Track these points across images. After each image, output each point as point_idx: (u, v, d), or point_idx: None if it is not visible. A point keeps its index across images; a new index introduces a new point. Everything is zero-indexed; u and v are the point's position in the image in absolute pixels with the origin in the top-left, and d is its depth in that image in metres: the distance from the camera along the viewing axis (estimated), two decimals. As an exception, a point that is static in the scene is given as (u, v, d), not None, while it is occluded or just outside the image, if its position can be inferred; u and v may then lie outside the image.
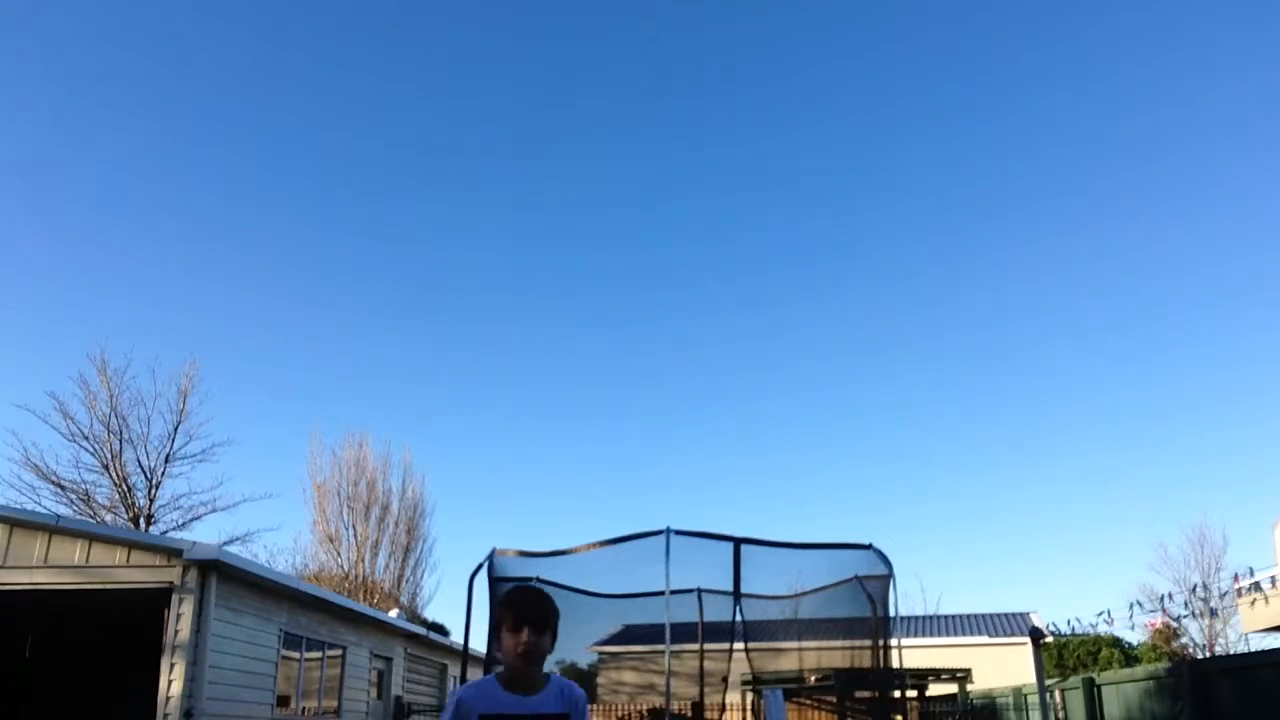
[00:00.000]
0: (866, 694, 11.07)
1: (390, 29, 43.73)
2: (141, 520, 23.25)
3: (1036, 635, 13.71)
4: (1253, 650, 24.51)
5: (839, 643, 11.26)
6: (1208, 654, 29.83)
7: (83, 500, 22.99)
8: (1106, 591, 65.20)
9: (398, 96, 45.42)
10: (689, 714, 11.98)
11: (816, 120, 47.35)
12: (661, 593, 9.35)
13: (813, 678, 11.51)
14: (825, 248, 50.74)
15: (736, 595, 10.72)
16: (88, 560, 11.72)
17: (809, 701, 12.84)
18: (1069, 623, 30.22)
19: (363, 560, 31.17)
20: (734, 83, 46.82)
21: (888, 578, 10.59)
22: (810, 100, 47.36)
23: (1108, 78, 43.60)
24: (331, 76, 43.53)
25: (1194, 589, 31.55)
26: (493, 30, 44.50)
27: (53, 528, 12.01)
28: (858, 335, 50.71)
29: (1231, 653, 28.86)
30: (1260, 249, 44.84)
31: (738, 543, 10.15)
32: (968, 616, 32.34)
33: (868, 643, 10.40)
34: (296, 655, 14.43)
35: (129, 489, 23.63)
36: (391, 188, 47.50)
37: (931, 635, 30.11)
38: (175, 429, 24.12)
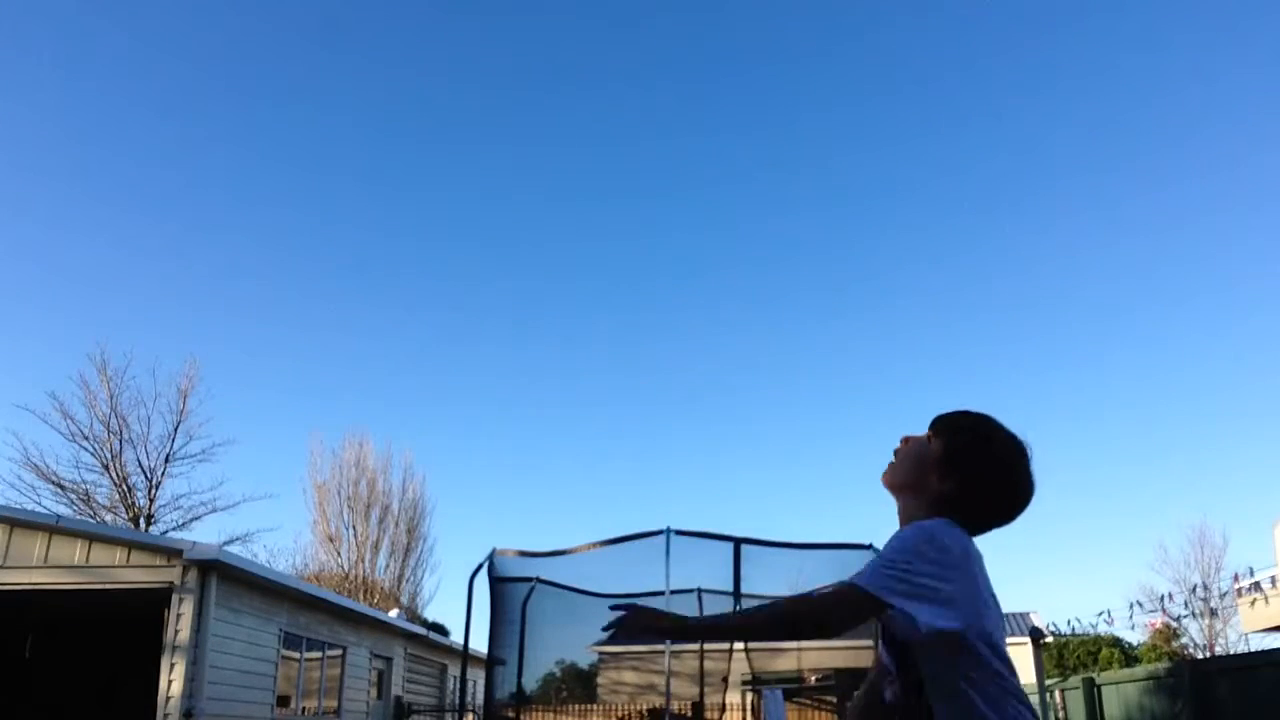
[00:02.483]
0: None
1: (389, 17, 43.74)
2: (141, 520, 23.26)
3: (1036, 635, 13.74)
4: (1253, 650, 24.53)
5: (839, 643, 11.27)
6: (1208, 654, 29.85)
7: (83, 500, 23.02)
8: (1106, 591, 65.35)
9: (400, 87, 45.42)
10: (689, 714, 11.98)
11: (815, 111, 47.36)
12: (661, 593, 9.36)
13: (813, 678, 11.54)
14: (826, 243, 50.72)
15: (736, 595, 10.72)
16: (88, 560, 11.72)
17: (809, 701, 12.85)
18: (1069, 623, 30.29)
19: (363, 560, 31.20)
20: (743, 69, 46.81)
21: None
22: (808, 92, 47.36)
23: (1108, 70, 43.63)
24: (334, 65, 43.53)
25: (1194, 589, 31.60)
26: (500, 19, 44.54)
27: (53, 528, 12.02)
28: (857, 331, 50.70)
29: (1231, 653, 28.87)
30: (1262, 246, 44.87)
31: (738, 543, 10.17)
32: (968, 616, 32.27)
33: (868, 643, 10.41)
34: (296, 655, 14.44)
35: (129, 489, 23.65)
36: (391, 182, 47.48)
37: (932, 635, 30.04)
38: (175, 429, 24.14)
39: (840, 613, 1.68)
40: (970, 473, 1.85)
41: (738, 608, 10.88)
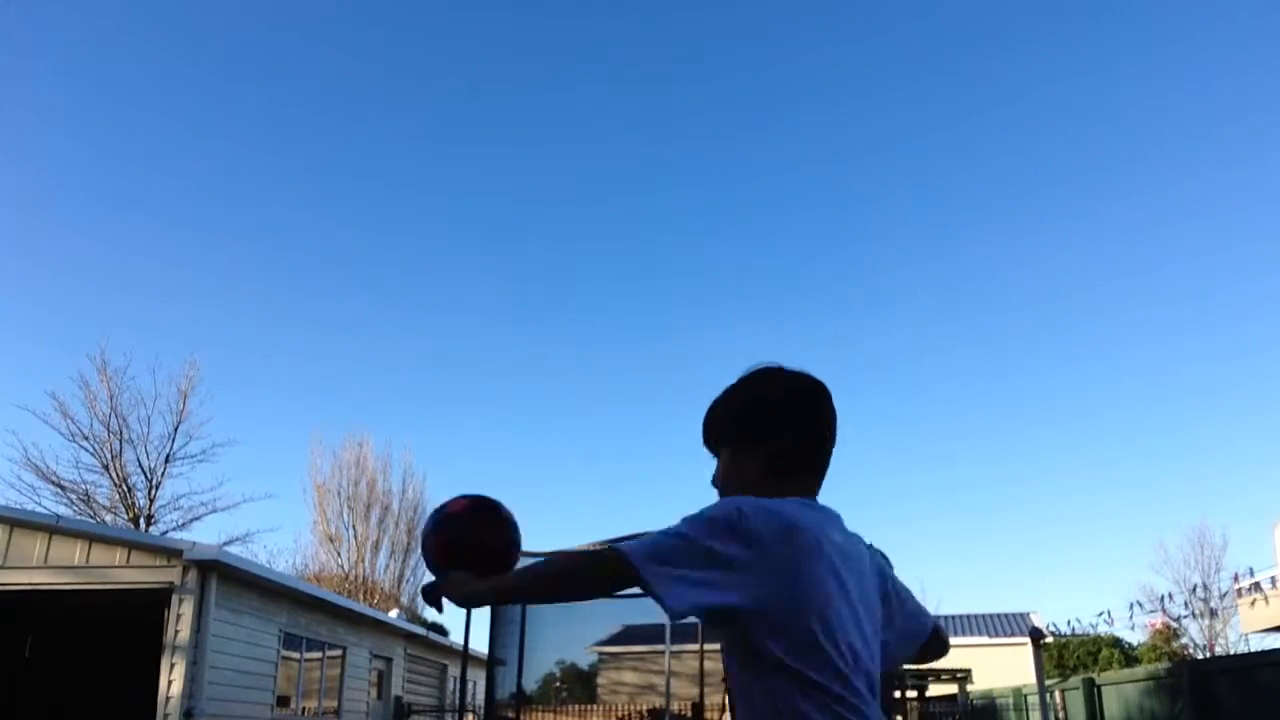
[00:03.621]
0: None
1: (389, 16, 43.74)
2: (141, 520, 23.26)
3: (1036, 635, 13.72)
4: (1252, 650, 24.55)
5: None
6: (1208, 654, 29.84)
7: (83, 500, 23.02)
8: (1106, 591, 65.19)
9: (400, 84, 45.42)
10: (689, 714, 11.98)
11: (814, 108, 47.36)
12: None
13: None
14: (822, 239, 50.71)
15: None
16: (88, 560, 11.73)
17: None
18: (1069, 623, 30.23)
19: (363, 560, 31.22)
20: (740, 67, 46.82)
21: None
22: (806, 87, 47.36)
23: (1107, 65, 43.62)
24: (336, 63, 43.53)
25: (1194, 589, 31.57)
26: (499, 17, 44.53)
27: (53, 528, 12.02)
28: (854, 329, 50.71)
29: (1231, 653, 28.88)
30: (1264, 245, 44.85)
31: (738, 543, 10.15)
32: (968, 616, 32.36)
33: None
34: (296, 655, 14.44)
35: (129, 489, 23.65)
36: (392, 179, 47.44)
37: (931, 635, 30.06)
38: (175, 429, 24.13)
39: (593, 573, 1.51)
40: (784, 436, 1.67)
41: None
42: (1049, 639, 27.30)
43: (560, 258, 50.72)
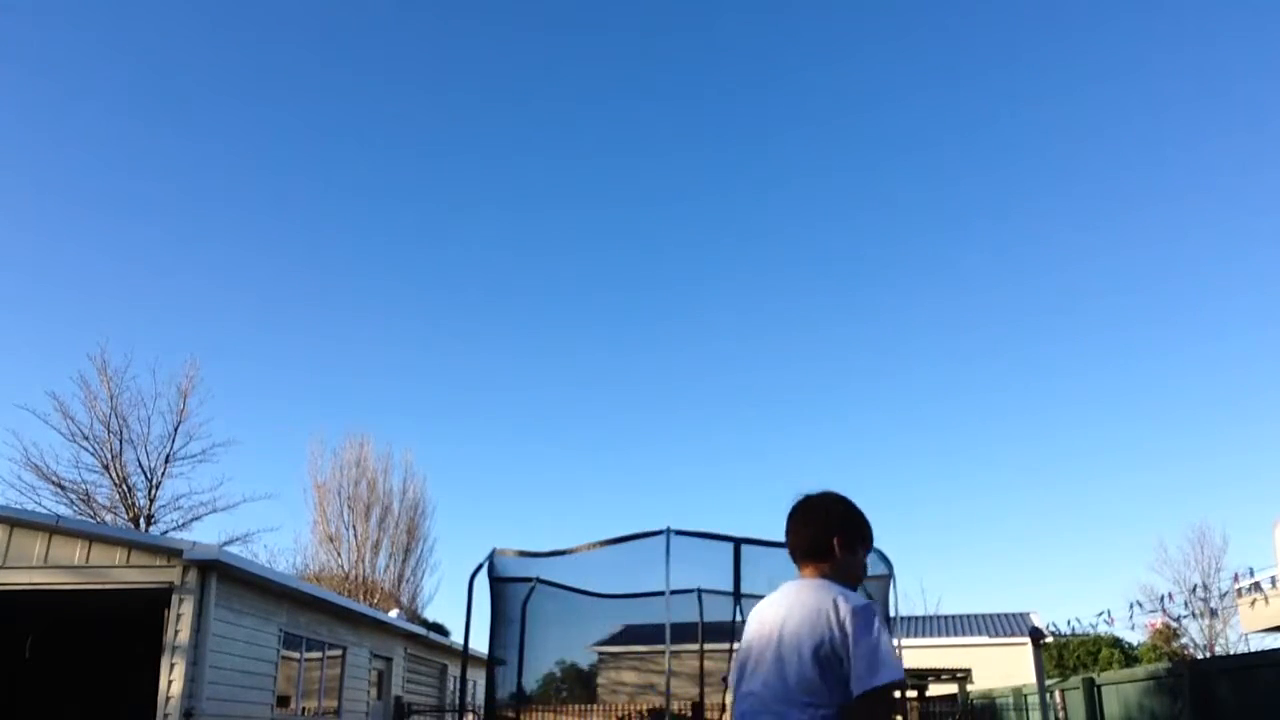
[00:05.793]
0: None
1: (388, 27, 43.75)
2: (141, 520, 23.24)
3: (1036, 635, 13.73)
4: (1253, 650, 24.52)
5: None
6: (1208, 654, 29.82)
7: (83, 500, 22.99)
8: (1106, 591, 65.27)
9: (399, 93, 45.45)
10: (689, 714, 11.97)
11: (817, 117, 47.38)
12: (662, 593, 9.33)
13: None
14: (825, 243, 50.78)
15: (737, 595, 10.71)
16: (88, 560, 11.73)
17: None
18: (1069, 623, 30.30)
19: (363, 560, 31.19)
20: (748, 80, 46.81)
21: (888, 578, 10.60)
22: (811, 96, 47.38)
23: (1109, 73, 43.61)
24: (331, 73, 43.56)
25: (1194, 589, 31.60)
26: (493, 27, 44.53)
27: (53, 528, 12.01)
28: (856, 332, 50.73)
29: (1231, 653, 28.85)
30: (1263, 244, 44.85)
31: (738, 543, 10.15)
32: (968, 616, 32.33)
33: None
34: (296, 655, 14.44)
35: (129, 489, 23.63)
36: (392, 185, 47.52)
37: (931, 635, 30.11)
38: (175, 429, 24.13)
39: (891, 703, 2.14)
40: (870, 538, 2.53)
41: (739, 607, 10.86)
42: (1049, 639, 27.29)
43: (561, 263, 50.78)
